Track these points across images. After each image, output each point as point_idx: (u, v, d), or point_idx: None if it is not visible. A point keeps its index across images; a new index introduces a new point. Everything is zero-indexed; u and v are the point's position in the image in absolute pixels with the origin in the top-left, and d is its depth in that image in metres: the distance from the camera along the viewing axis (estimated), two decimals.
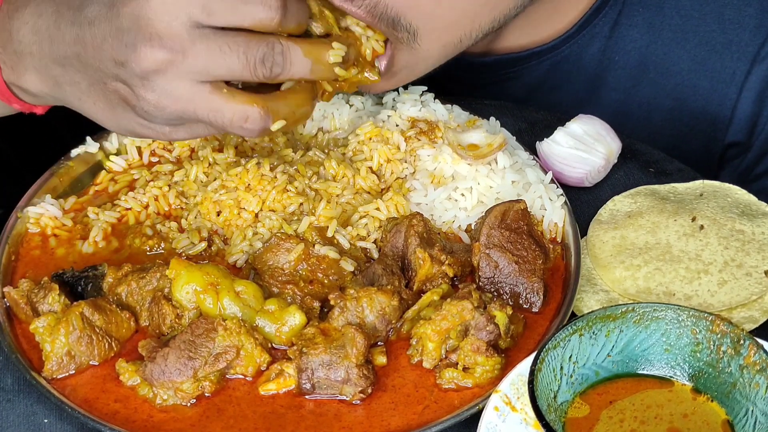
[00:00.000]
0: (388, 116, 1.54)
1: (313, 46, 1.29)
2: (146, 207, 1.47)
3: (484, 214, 1.39)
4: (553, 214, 1.44)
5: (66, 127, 1.57)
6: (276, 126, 1.28)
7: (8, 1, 1.30)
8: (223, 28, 1.23)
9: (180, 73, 1.22)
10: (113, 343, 1.29)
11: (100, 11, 1.24)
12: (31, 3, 1.29)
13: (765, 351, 1.13)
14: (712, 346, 1.17)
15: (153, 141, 1.56)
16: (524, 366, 1.19)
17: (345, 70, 1.33)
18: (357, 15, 1.38)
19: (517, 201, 1.39)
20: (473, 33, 1.47)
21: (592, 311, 1.18)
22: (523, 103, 1.74)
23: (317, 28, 1.32)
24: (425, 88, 1.60)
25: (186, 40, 1.21)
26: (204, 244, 1.40)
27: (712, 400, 1.17)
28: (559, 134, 1.54)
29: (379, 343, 1.29)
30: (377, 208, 1.43)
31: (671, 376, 1.20)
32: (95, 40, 1.24)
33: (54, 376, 1.26)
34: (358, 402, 1.23)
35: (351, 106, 1.59)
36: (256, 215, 1.43)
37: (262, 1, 1.23)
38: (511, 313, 1.28)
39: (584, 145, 1.53)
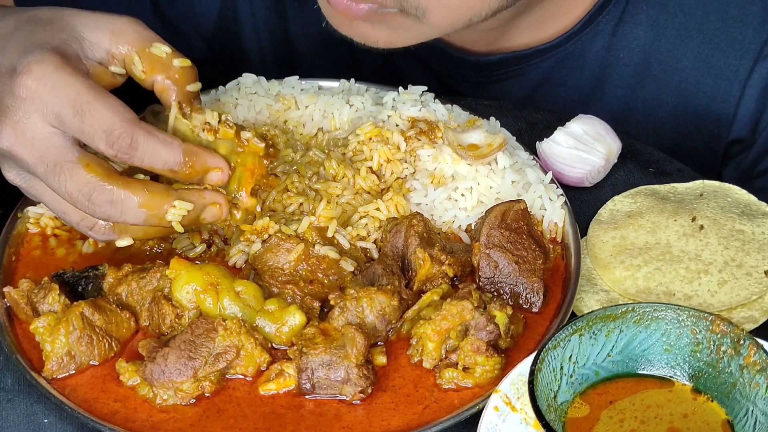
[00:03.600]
0: (388, 116, 1.54)
1: (153, 198, 1.25)
2: None
3: (484, 214, 1.39)
4: (553, 214, 1.44)
5: None
6: (122, 243, 1.29)
7: None
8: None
9: (27, 169, 1.25)
10: (113, 343, 1.29)
11: None
12: None
13: (765, 351, 1.13)
14: (712, 346, 1.17)
15: None
16: (524, 366, 1.19)
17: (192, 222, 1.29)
18: None
19: (517, 201, 1.39)
20: (483, 12, 1.47)
21: (592, 311, 1.18)
22: (527, 101, 1.74)
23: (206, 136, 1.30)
24: (425, 88, 1.60)
25: (36, 145, 1.23)
26: (203, 246, 1.40)
27: (712, 400, 1.17)
28: (559, 134, 1.54)
29: (379, 343, 1.29)
30: (377, 208, 1.43)
31: (671, 376, 1.20)
32: None
33: (54, 376, 1.26)
34: (358, 402, 1.23)
35: (351, 106, 1.59)
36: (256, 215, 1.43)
37: (108, 134, 1.22)
38: (511, 313, 1.28)
39: (584, 145, 1.53)
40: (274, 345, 1.28)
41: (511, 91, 1.75)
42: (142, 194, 1.24)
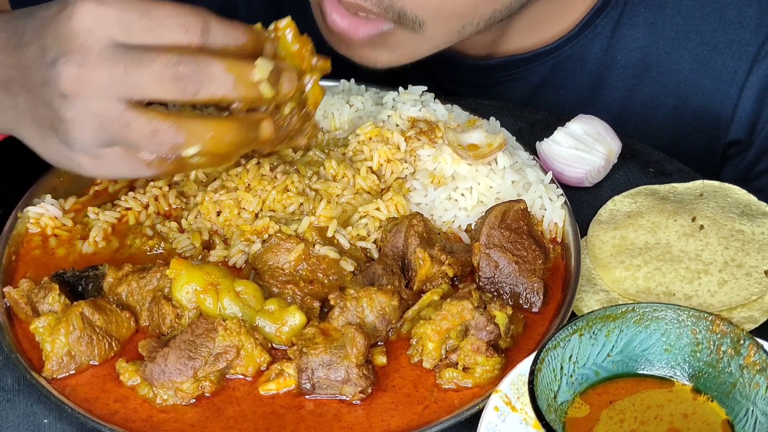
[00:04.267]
0: (388, 116, 1.54)
1: (235, 61, 1.23)
2: (146, 207, 1.47)
3: (484, 214, 1.39)
4: (553, 214, 1.44)
5: None
6: (190, 150, 1.23)
7: None
8: (145, 47, 1.21)
9: (96, 91, 1.20)
10: (113, 343, 1.29)
11: (33, 33, 1.24)
12: None
13: (765, 351, 1.13)
14: (712, 346, 1.17)
15: None
16: (524, 366, 1.19)
17: (275, 94, 1.26)
18: (365, 8, 1.41)
19: (517, 201, 1.39)
20: (475, 21, 1.49)
21: (592, 311, 1.18)
22: (526, 103, 1.75)
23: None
24: (425, 88, 1.60)
25: (103, 57, 1.20)
26: (200, 246, 1.40)
27: (712, 400, 1.17)
28: (559, 134, 1.54)
29: (379, 343, 1.29)
30: (377, 208, 1.43)
31: (671, 376, 1.20)
32: (27, 62, 1.23)
33: (54, 376, 1.26)
34: (358, 402, 1.23)
35: (351, 106, 1.59)
36: (257, 215, 1.43)
37: (180, 23, 1.21)
38: (511, 313, 1.28)
39: (584, 145, 1.53)
40: (274, 345, 1.28)
41: (509, 95, 1.75)
42: (224, 59, 1.22)
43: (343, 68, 1.63)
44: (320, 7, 1.49)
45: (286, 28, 1.33)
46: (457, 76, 1.76)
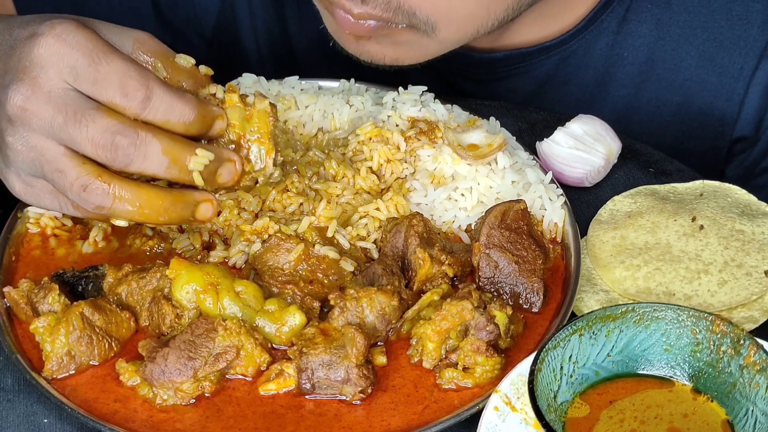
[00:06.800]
0: (388, 116, 1.54)
1: (175, 144, 1.23)
2: None
3: (484, 214, 1.39)
4: (553, 214, 1.44)
5: None
6: (115, 221, 1.24)
7: None
8: (94, 102, 1.21)
9: (36, 127, 1.22)
10: (113, 343, 1.29)
11: (3, 52, 1.26)
12: None
13: (765, 351, 1.13)
14: (712, 346, 1.17)
15: None
16: (524, 366, 1.20)
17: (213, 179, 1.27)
18: (375, 15, 1.39)
19: (517, 201, 1.39)
20: (489, 22, 1.48)
21: (592, 311, 1.18)
22: (531, 99, 1.74)
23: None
24: (425, 88, 1.60)
25: (50, 98, 1.21)
26: (200, 246, 1.40)
27: (712, 400, 1.17)
28: (559, 134, 1.54)
29: (379, 343, 1.29)
30: (377, 208, 1.43)
31: (671, 376, 1.20)
32: None
33: (54, 376, 1.26)
34: (358, 402, 1.23)
35: (351, 106, 1.59)
36: (256, 215, 1.43)
37: (123, 84, 1.20)
38: (511, 313, 1.28)
39: (584, 145, 1.53)
40: (274, 345, 1.28)
41: (514, 90, 1.75)
42: (166, 139, 1.22)
43: (343, 68, 1.64)
44: (328, 9, 1.48)
45: (264, 110, 1.32)
46: (462, 70, 1.75)
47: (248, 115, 1.31)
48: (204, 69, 1.32)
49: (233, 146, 1.30)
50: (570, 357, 1.16)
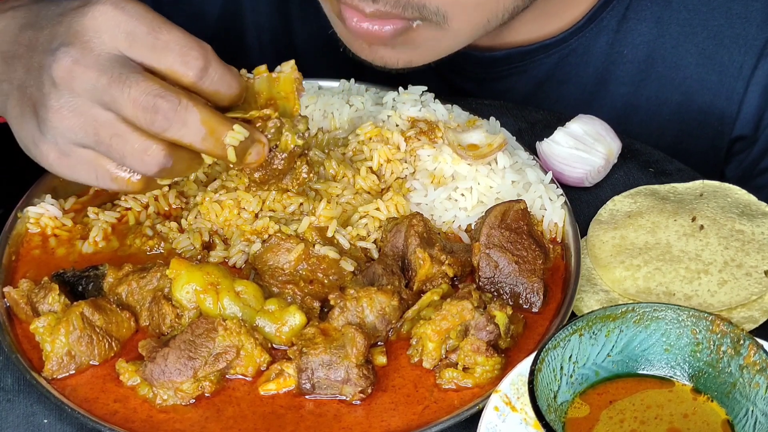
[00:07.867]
0: (388, 116, 1.54)
1: (214, 117, 1.24)
2: (146, 207, 1.47)
3: (484, 214, 1.39)
4: (553, 214, 1.44)
5: None
6: (165, 180, 1.26)
7: None
8: (142, 67, 1.22)
9: (81, 90, 1.22)
10: (113, 343, 1.29)
11: (51, 19, 1.26)
12: (12, 9, 1.32)
13: (765, 351, 1.13)
14: (712, 346, 1.17)
15: None
16: (524, 366, 1.19)
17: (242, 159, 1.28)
18: (387, 12, 1.40)
19: (517, 201, 1.39)
20: (499, 13, 1.49)
21: (592, 311, 1.18)
22: (530, 98, 1.74)
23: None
24: (425, 88, 1.60)
25: (98, 62, 1.21)
26: (200, 246, 1.40)
27: (712, 400, 1.17)
28: (559, 134, 1.54)
29: (379, 343, 1.29)
30: (377, 208, 1.43)
31: (671, 376, 1.20)
32: (36, 44, 1.26)
33: (54, 376, 1.26)
34: (358, 402, 1.23)
35: (351, 106, 1.59)
36: (256, 215, 1.43)
37: (183, 53, 1.22)
38: (511, 313, 1.28)
39: (584, 145, 1.53)
40: (274, 345, 1.28)
41: (514, 89, 1.75)
42: (206, 110, 1.23)
43: (346, 66, 1.63)
44: (339, 15, 1.48)
45: (291, 73, 1.34)
46: (462, 69, 1.75)
47: (275, 79, 1.33)
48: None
49: (264, 109, 1.31)
50: (570, 357, 1.16)
